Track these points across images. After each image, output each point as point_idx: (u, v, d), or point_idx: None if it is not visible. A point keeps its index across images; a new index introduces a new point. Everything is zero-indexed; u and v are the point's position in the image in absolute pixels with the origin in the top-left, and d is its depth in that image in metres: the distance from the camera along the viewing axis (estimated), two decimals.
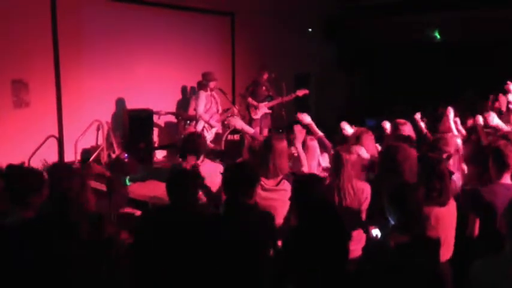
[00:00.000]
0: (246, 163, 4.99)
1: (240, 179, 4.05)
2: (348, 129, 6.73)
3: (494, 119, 6.64)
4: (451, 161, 5.41)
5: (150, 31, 10.81)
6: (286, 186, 4.87)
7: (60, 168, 4.92)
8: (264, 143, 5.26)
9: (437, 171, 4.40)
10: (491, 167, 4.77)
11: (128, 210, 6.61)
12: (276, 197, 4.74)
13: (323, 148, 6.14)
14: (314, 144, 5.93)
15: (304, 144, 5.88)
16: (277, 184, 4.89)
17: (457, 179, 5.33)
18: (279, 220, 4.56)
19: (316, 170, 5.83)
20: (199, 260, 3.92)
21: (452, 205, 4.42)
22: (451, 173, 4.82)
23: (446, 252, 4.26)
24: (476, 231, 4.59)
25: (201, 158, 5.78)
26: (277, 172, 4.95)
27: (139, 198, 7.22)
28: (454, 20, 14.15)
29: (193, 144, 5.77)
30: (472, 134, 6.70)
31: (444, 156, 5.35)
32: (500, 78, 8.37)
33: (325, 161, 6.14)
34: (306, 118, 6.32)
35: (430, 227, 3.87)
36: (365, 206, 4.73)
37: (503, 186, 4.65)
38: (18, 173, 3.87)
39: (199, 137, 6.12)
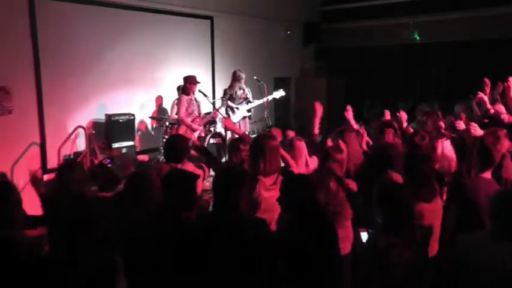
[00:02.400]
0: (236, 165, 4.98)
1: (231, 182, 3.95)
2: None
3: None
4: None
5: (130, 36, 10.85)
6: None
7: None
8: (254, 143, 5.32)
9: (422, 168, 4.53)
10: (474, 161, 4.92)
11: None
12: (275, 195, 4.76)
13: (312, 150, 6.19)
14: (301, 144, 5.95)
15: (292, 144, 5.90)
16: (275, 182, 4.95)
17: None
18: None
19: (303, 170, 5.82)
20: (190, 268, 3.88)
21: (437, 201, 4.55)
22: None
23: (431, 249, 4.37)
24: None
25: (184, 161, 5.82)
26: (272, 170, 4.99)
27: None
28: (433, 22, 14.33)
29: (176, 147, 5.80)
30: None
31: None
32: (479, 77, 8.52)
33: (313, 162, 6.15)
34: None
35: (417, 224, 3.95)
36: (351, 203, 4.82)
37: (485, 181, 4.82)
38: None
39: (182, 139, 6.13)
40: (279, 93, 11.03)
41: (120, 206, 4.69)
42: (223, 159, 9.60)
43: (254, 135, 10.42)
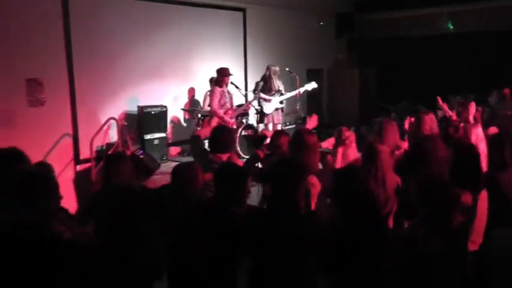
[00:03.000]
0: (295, 158, 4.85)
1: (289, 175, 3.91)
2: None
3: None
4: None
5: (162, 28, 10.85)
6: (313, 180, 4.82)
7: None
8: (294, 138, 5.23)
9: (471, 158, 4.42)
10: (507, 153, 4.82)
11: None
12: None
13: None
14: (351, 134, 5.82)
15: (341, 135, 5.75)
16: None
17: None
18: None
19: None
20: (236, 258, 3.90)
21: (483, 193, 4.42)
22: None
23: (476, 241, 4.26)
24: None
25: (230, 153, 5.74)
26: (310, 168, 4.82)
27: None
28: (467, 12, 14.14)
29: (222, 139, 5.70)
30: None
31: None
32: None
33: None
34: None
35: (459, 216, 3.84)
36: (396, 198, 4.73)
37: None
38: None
39: (228, 130, 6.04)
40: (311, 86, 10.92)
41: (162, 200, 4.69)
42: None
43: (288, 127, 10.40)
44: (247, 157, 9.48)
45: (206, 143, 6.41)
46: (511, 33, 13.33)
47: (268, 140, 6.37)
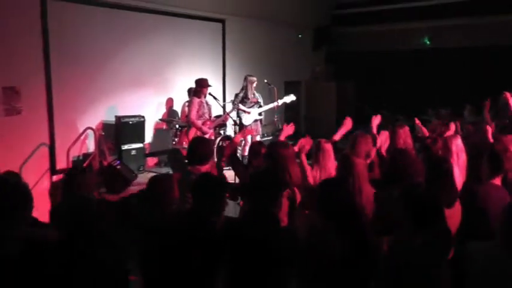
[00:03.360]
0: (272, 170, 4.78)
1: (267, 186, 3.92)
2: None
3: None
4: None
5: (142, 38, 10.84)
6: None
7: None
8: (268, 150, 5.18)
9: (444, 171, 4.48)
10: (484, 168, 4.86)
11: None
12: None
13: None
14: (329, 146, 5.83)
15: (319, 148, 5.63)
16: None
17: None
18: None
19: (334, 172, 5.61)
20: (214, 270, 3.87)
21: (457, 206, 4.48)
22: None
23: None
24: None
25: (209, 164, 5.70)
26: (291, 180, 4.83)
27: None
28: (444, 27, 14.32)
29: (200, 150, 5.61)
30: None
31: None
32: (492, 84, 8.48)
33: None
34: None
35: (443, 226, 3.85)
36: (371, 209, 4.74)
37: (495, 187, 4.78)
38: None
39: (205, 141, 6.01)
40: (290, 98, 10.95)
41: (128, 210, 4.66)
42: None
43: (265, 139, 10.40)
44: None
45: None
46: (488, 49, 13.50)
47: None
